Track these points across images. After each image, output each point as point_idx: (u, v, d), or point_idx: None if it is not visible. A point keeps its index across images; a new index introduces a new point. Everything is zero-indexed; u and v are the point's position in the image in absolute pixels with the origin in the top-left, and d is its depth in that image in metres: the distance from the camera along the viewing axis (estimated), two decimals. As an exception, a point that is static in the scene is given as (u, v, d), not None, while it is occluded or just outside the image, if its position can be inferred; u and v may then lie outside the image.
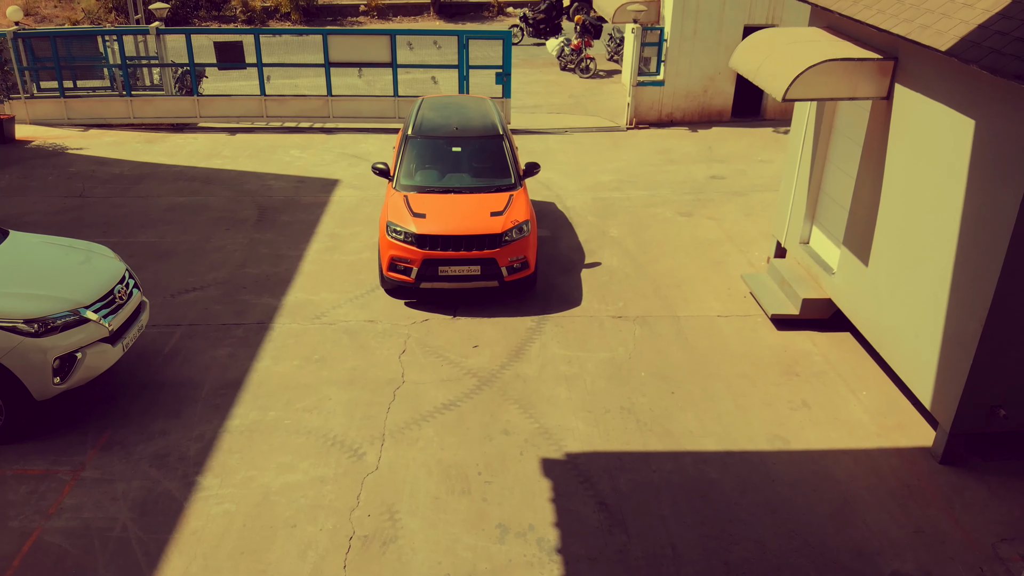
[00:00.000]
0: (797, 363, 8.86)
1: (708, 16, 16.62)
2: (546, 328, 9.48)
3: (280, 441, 7.53)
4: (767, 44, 8.75)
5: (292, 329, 9.36)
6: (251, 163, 14.75)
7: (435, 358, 8.86)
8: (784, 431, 7.76)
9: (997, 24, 6.27)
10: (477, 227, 9.44)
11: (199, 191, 13.40)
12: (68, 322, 7.23)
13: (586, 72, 21.50)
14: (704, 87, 17.26)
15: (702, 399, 8.23)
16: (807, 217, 9.99)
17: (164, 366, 8.62)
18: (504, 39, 16.25)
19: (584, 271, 10.81)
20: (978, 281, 6.67)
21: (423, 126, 10.85)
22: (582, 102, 19.09)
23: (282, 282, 10.42)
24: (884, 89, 8.00)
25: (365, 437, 7.60)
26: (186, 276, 10.53)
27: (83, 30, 18.40)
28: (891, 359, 8.05)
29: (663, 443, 7.60)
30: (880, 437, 7.68)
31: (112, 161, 14.69)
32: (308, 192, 13.41)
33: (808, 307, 9.40)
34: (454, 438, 7.61)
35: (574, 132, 16.77)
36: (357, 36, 16.79)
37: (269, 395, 8.18)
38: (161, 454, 7.30)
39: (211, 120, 16.88)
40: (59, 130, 16.28)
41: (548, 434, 7.70)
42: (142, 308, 8.31)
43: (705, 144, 16.14)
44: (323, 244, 11.52)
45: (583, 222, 12.32)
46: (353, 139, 16.23)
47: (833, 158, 9.48)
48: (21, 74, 16.03)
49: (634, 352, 9.02)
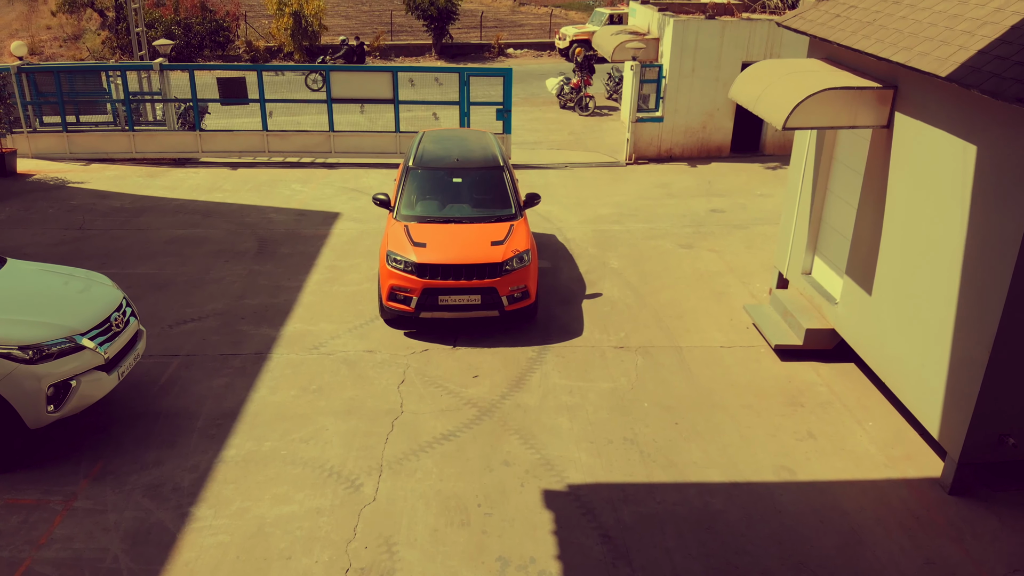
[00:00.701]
0: (802, 394, 8.75)
1: (706, 54, 16.80)
2: (547, 358, 9.38)
3: (276, 472, 7.38)
4: (766, 75, 8.79)
5: (290, 359, 9.26)
6: (252, 197, 14.78)
7: (434, 388, 8.74)
8: (790, 462, 7.62)
9: (997, 49, 6.29)
10: (477, 256, 9.39)
11: (199, 224, 13.39)
12: (63, 349, 7.13)
13: (585, 110, 21.69)
14: (703, 123, 17.38)
15: (706, 430, 8.10)
16: (809, 247, 9.95)
17: (160, 396, 8.50)
18: (505, 76, 16.39)
19: (585, 302, 10.74)
20: (983, 307, 6.60)
21: (424, 157, 10.88)
22: (582, 139, 19.21)
23: (281, 313, 10.34)
24: (884, 118, 8.02)
25: (363, 468, 7.45)
26: (184, 307, 10.46)
27: (87, 65, 18.59)
28: (897, 389, 7.94)
29: (667, 474, 7.45)
30: (888, 468, 7.54)
31: (113, 194, 14.71)
32: (308, 225, 13.40)
33: (812, 337, 9.32)
34: (453, 469, 7.46)
35: (574, 167, 16.84)
36: (359, 72, 16.95)
37: (265, 425, 8.05)
38: (155, 484, 7.15)
39: (213, 155, 16.96)
40: (61, 164, 16.35)
41: (550, 465, 7.55)
42: (139, 336, 8.22)
43: (704, 179, 16.19)
44: (322, 275, 11.47)
45: (583, 253, 12.29)
46: (354, 174, 16.29)
47: (834, 188, 9.47)
48: (24, 108, 16.15)
49: (636, 382, 8.91)
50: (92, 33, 31.12)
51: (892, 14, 7.99)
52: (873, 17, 8.21)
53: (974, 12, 6.99)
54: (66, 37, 34.16)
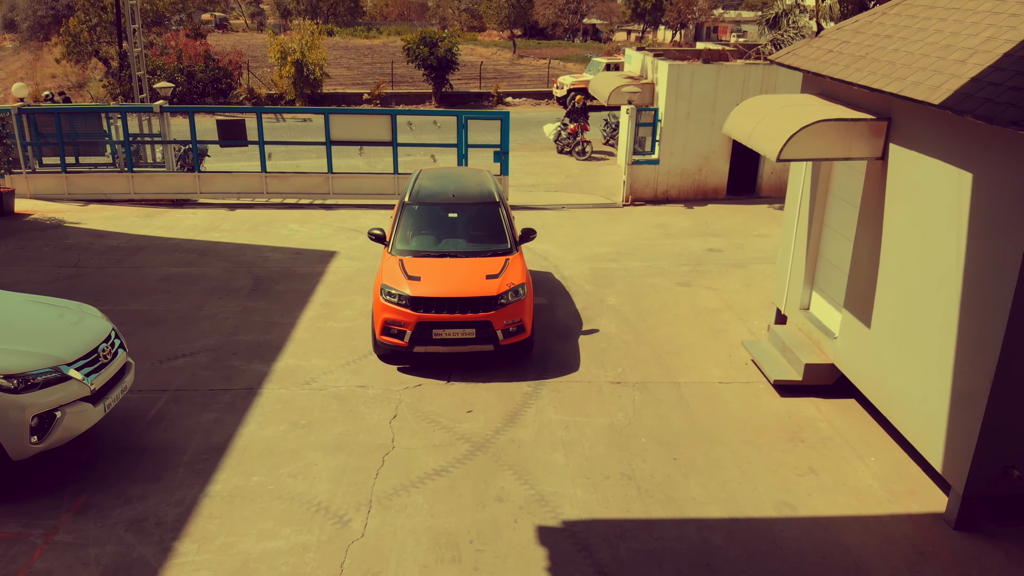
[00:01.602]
0: (802, 429, 8.58)
1: (701, 98, 16.97)
2: (543, 393, 9.22)
3: (262, 507, 7.18)
4: (760, 109, 8.83)
5: (280, 395, 9.11)
6: (249, 236, 14.76)
7: (427, 423, 8.57)
8: (791, 497, 7.42)
9: (990, 76, 6.30)
10: (472, 289, 9.31)
11: (194, 262, 13.34)
12: (49, 379, 6.99)
13: (582, 155, 21.85)
14: (699, 165, 17.47)
15: (705, 465, 7.92)
16: (806, 283, 9.87)
17: (147, 431, 8.33)
18: (502, 119, 16.53)
19: (582, 338, 10.63)
20: (984, 335, 6.49)
21: (420, 193, 10.88)
22: (579, 181, 19.31)
23: (273, 348, 10.21)
24: (878, 149, 8.01)
25: (351, 503, 7.25)
26: (176, 343, 10.33)
27: (87, 107, 18.79)
28: (899, 422, 7.78)
29: (666, 510, 7.25)
30: (891, 503, 7.34)
31: (109, 234, 14.70)
32: (304, 263, 13.35)
33: (811, 373, 9.18)
34: (445, 505, 7.26)
35: (571, 208, 16.88)
36: (358, 115, 17.10)
37: (253, 460, 7.86)
38: (138, 519, 6.94)
39: (211, 196, 17.01)
40: (59, 204, 16.38)
41: (544, 501, 7.35)
42: (127, 369, 8.08)
43: (701, 220, 16.21)
44: (317, 312, 11.37)
45: (580, 290, 12.22)
46: (352, 214, 16.31)
47: (830, 222, 9.44)
48: (23, 149, 16.24)
49: (634, 418, 8.75)
50: (96, 82, 31.57)
51: (884, 47, 8.05)
52: (865, 51, 8.27)
53: (966, 42, 7.03)
54: (70, 85, 34.65)
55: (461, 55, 35.34)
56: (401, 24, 73.34)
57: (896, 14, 8.56)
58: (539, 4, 68.20)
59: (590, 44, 62.79)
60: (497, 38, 68.80)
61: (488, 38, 69.23)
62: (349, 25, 74.06)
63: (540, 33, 70.36)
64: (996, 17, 7.08)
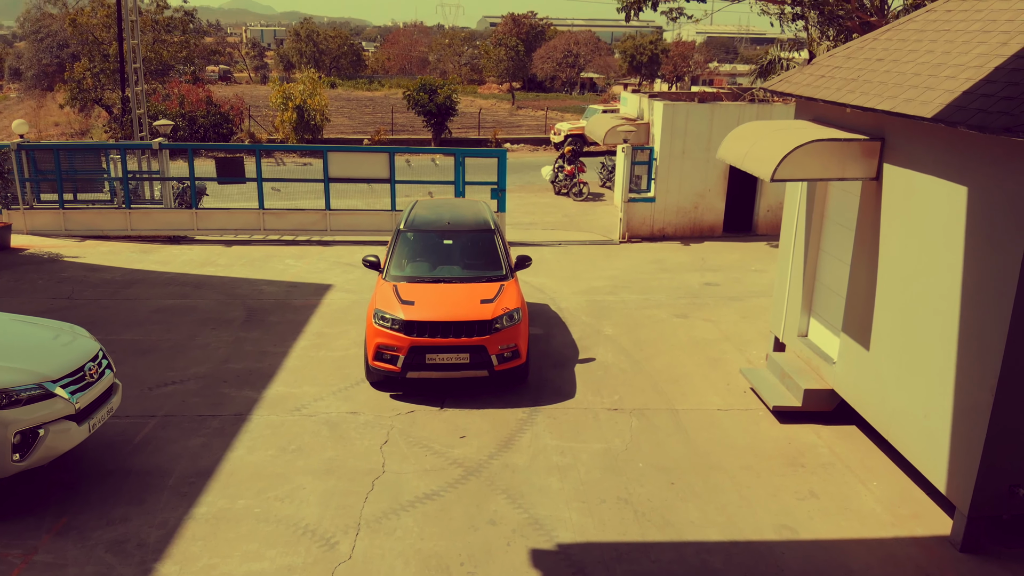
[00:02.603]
0: (802, 455, 8.39)
1: (696, 136, 17.12)
2: (538, 419, 9.05)
3: (248, 529, 6.96)
4: (754, 133, 8.86)
5: (270, 421, 8.94)
6: (244, 271, 14.72)
7: (419, 448, 8.39)
8: (792, 521, 7.21)
9: (982, 89, 6.33)
10: (466, 313, 9.21)
11: (189, 295, 13.26)
12: (32, 396, 6.85)
13: (579, 196, 21.97)
14: (695, 203, 17.53)
15: (704, 490, 7.72)
16: (804, 309, 9.79)
17: (133, 454, 8.15)
18: (500, 156, 16.63)
19: (578, 366, 10.49)
20: (984, 349, 6.39)
21: (415, 221, 10.86)
22: (576, 220, 19.36)
23: (264, 376, 10.07)
24: (873, 170, 8.01)
25: (339, 526, 7.04)
26: (166, 371, 10.19)
27: (86, 144, 18.92)
28: (901, 445, 7.62)
29: (663, 533, 7.04)
30: (895, 526, 7.13)
31: (104, 268, 14.65)
32: (299, 295, 13.27)
33: (810, 398, 9.03)
34: (435, 528, 7.05)
35: (568, 245, 16.88)
36: (357, 153, 17.21)
37: (240, 484, 7.67)
38: (119, 540, 6.73)
39: (208, 233, 17.02)
40: (55, 240, 16.37)
41: (538, 524, 7.14)
42: (114, 390, 7.93)
43: (698, 256, 16.19)
44: (310, 342, 11.25)
45: (577, 321, 12.11)
46: (349, 250, 16.29)
47: (826, 246, 9.40)
48: (22, 185, 16.29)
49: (631, 443, 8.57)
50: (99, 129, 31.94)
51: (876, 70, 8.12)
52: (857, 74, 8.34)
53: (957, 60, 7.08)
54: (73, 132, 35.07)
55: (460, 106, 35.86)
56: (402, 77, 74.57)
57: (887, 39, 8.66)
58: (537, 58, 69.54)
59: (588, 96, 63.81)
60: (496, 91, 69.93)
61: (487, 90, 70.36)
62: (351, 78, 75.38)
63: (538, 86, 71.54)
64: (986, 35, 7.15)
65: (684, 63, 67.47)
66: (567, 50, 70.01)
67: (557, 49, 70.09)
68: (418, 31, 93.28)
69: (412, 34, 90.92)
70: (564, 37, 73.36)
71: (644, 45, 67.29)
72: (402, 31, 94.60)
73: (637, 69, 67.89)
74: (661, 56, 67.50)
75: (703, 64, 67.96)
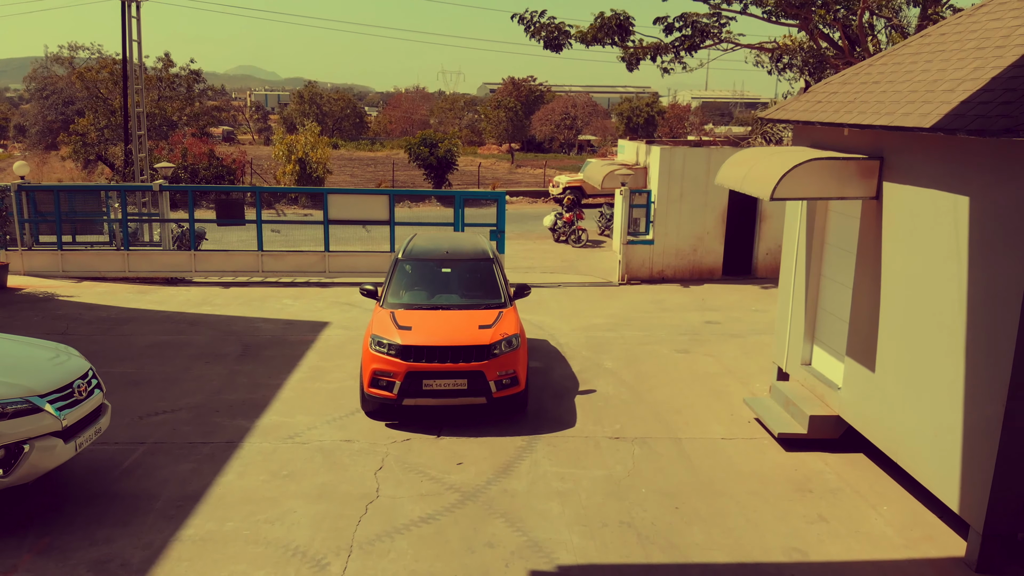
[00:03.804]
0: (809, 481, 8.15)
1: (693, 180, 17.21)
2: (537, 447, 8.82)
3: (236, 550, 6.70)
4: (751, 157, 8.88)
5: (262, 448, 8.71)
6: (241, 310, 14.60)
7: (414, 474, 8.15)
8: (801, 544, 6.95)
9: (980, 97, 6.34)
10: (464, 338, 9.07)
11: (184, 331, 13.12)
12: (18, 409, 6.67)
13: (578, 242, 22.01)
14: (693, 246, 17.53)
15: (709, 514, 7.46)
16: (807, 337, 9.65)
17: (120, 479, 7.91)
18: (498, 199, 16.71)
19: (578, 397, 10.29)
20: (993, 360, 6.24)
21: (414, 251, 10.80)
22: (575, 264, 19.33)
23: (257, 407, 9.86)
24: (872, 189, 7.99)
25: (331, 548, 6.77)
26: (157, 401, 9.99)
27: (87, 186, 18.98)
28: (911, 466, 7.40)
29: (668, 555, 6.77)
30: (908, 548, 6.87)
31: (99, 307, 14.54)
32: (296, 332, 13.13)
33: (816, 425, 8.82)
34: (431, 550, 6.78)
35: (567, 286, 16.81)
36: (357, 195, 17.28)
37: (229, 507, 7.41)
38: (102, 560, 6.46)
39: (207, 275, 16.95)
40: (52, 280, 16.29)
41: (538, 547, 6.87)
42: (102, 411, 7.74)
43: (698, 297, 16.11)
44: (305, 375, 11.06)
45: (576, 356, 11.95)
46: (347, 291, 16.20)
47: (828, 272, 9.31)
48: (21, 226, 16.29)
49: (633, 470, 8.33)
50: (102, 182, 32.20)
51: (872, 91, 8.17)
52: (854, 97, 8.39)
53: (953, 75, 7.12)
54: (76, 186, 35.28)
55: (461, 163, 36.26)
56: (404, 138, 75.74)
57: (883, 64, 8.74)
58: (536, 120, 70.72)
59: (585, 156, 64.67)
60: (496, 151, 70.86)
61: (487, 151, 71.29)
62: (354, 139, 76.47)
63: (537, 147, 72.55)
64: (981, 52, 7.21)
65: (680, 124, 68.57)
66: (565, 112, 71.25)
67: (555, 111, 71.33)
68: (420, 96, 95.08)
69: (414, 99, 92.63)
70: (562, 100, 74.77)
71: (640, 107, 68.55)
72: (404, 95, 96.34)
73: (634, 131, 68.92)
74: (657, 118, 68.65)
75: (699, 126, 69.05)
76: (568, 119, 71.40)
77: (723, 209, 17.45)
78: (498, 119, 66.16)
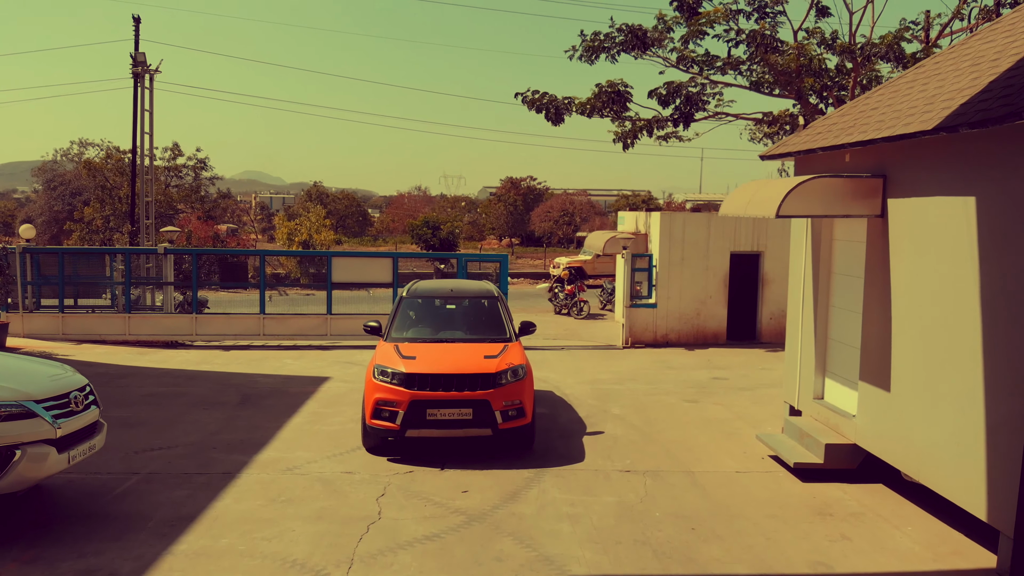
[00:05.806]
0: (829, 506, 7.84)
1: (694, 245, 17.36)
2: (545, 478, 8.52)
3: (230, 563, 6.36)
4: (753, 186, 8.98)
5: (260, 478, 8.41)
6: (240, 367, 14.43)
7: (418, 500, 7.83)
8: (826, 559, 6.62)
9: (980, 97, 6.47)
10: (469, 367, 8.90)
11: (182, 384, 12.92)
12: (12, 413, 6.48)
13: (580, 313, 21.99)
14: (696, 310, 17.50)
15: (727, 533, 7.14)
16: (818, 371, 9.49)
17: (113, 502, 7.60)
18: (501, 261, 16.80)
19: (586, 437, 10.03)
20: (1013, 357, 6.11)
21: (419, 289, 10.76)
22: (577, 332, 19.24)
23: (256, 445, 9.58)
24: (877, 207, 8.03)
25: (331, 561, 6.44)
26: (154, 439, 9.73)
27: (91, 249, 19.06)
28: (934, 481, 7.12)
29: (686, 568, 6.43)
30: (936, 562, 6.53)
31: (98, 364, 14.36)
32: (296, 385, 12.92)
33: (832, 454, 8.56)
34: (436, 563, 6.45)
35: (571, 349, 16.67)
36: (361, 258, 17.37)
37: (225, 526, 7.09)
38: (89, 570, 6.12)
39: (208, 338, 16.85)
40: (52, 342, 16.15)
41: (549, 561, 6.54)
42: (98, 428, 7.52)
43: (704, 358, 15.95)
44: (305, 419, 10.81)
45: (583, 404, 11.72)
46: (349, 353, 16.05)
47: (836, 301, 9.25)
48: (23, 288, 16.27)
49: (646, 497, 8.02)
50: (106, 265, 32.43)
51: (872, 116, 8.34)
52: (853, 122, 8.56)
53: (952, 86, 7.29)
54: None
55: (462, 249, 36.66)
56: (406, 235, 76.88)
57: (880, 94, 8.97)
58: (535, 216, 71.96)
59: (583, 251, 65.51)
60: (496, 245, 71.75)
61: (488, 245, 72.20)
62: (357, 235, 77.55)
63: (536, 242, 73.53)
64: (977, 67, 7.40)
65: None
66: (564, 209, 72.59)
67: (554, 208, 72.63)
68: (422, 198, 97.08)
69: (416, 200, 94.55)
70: (560, 198, 76.27)
71: (637, 204, 69.87)
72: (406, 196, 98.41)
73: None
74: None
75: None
76: (567, 215, 72.74)
77: (725, 273, 17.52)
78: (498, 213, 67.29)
